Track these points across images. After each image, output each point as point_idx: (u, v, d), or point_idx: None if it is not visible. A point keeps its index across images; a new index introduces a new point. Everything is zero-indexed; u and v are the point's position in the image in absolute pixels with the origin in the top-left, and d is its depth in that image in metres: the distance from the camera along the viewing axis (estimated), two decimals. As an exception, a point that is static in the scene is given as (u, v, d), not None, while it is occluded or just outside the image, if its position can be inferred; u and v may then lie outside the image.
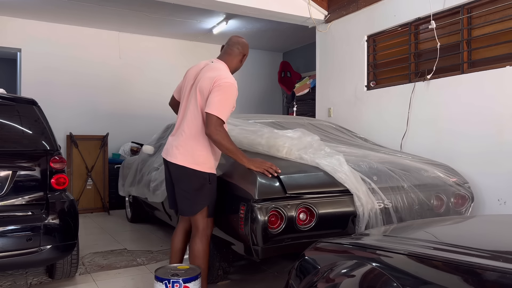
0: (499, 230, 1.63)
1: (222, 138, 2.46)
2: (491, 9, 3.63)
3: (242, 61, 2.77)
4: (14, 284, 3.22)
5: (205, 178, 2.58)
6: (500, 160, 3.44)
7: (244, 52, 2.75)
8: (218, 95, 2.48)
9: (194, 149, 2.57)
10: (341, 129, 4.33)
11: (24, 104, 3.23)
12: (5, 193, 2.85)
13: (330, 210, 2.60)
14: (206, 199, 2.61)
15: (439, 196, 3.00)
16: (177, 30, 7.03)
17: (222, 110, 2.46)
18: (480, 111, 3.61)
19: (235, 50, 2.73)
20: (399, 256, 1.28)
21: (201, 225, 2.61)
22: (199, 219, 2.61)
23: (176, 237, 2.82)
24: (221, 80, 2.51)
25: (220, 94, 2.48)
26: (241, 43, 2.76)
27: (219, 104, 2.46)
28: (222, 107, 2.47)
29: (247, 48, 2.78)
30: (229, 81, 2.52)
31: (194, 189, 2.58)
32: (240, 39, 2.79)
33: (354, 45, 5.01)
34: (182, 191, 2.63)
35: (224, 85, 2.49)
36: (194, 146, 2.57)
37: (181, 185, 2.62)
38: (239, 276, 3.45)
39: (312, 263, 1.57)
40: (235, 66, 2.75)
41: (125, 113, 7.11)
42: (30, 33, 6.45)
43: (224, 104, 2.48)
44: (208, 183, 2.59)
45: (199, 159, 2.56)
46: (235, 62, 2.73)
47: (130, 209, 5.72)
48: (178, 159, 2.58)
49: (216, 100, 2.47)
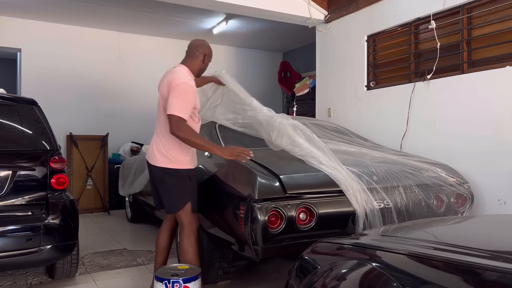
0: (499, 230, 1.63)
1: (186, 134, 2.56)
2: (491, 9, 3.63)
3: (205, 61, 2.84)
4: (14, 284, 3.22)
5: (184, 175, 2.71)
6: (500, 160, 3.44)
7: (204, 52, 2.83)
8: (173, 95, 2.60)
9: (167, 149, 2.70)
10: (341, 129, 4.33)
11: (24, 104, 3.23)
12: (5, 193, 2.85)
13: (330, 210, 2.60)
14: (188, 195, 2.72)
15: (439, 196, 3.00)
16: (177, 30, 7.03)
17: (180, 109, 2.57)
18: (480, 111, 3.60)
19: (195, 52, 2.83)
20: (399, 256, 1.28)
21: (186, 221, 2.71)
22: (182, 216, 2.71)
23: (161, 236, 2.92)
24: (175, 81, 2.64)
25: (175, 94, 2.59)
26: (200, 44, 2.86)
27: (176, 103, 2.58)
28: (180, 106, 2.58)
29: (207, 48, 2.86)
30: (183, 81, 2.64)
31: (176, 186, 2.70)
32: (199, 41, 2.90)
33: (354, 45, 5.01)
34: (165, 190, 2.76)
35: (178, 85, 2.61)
36: (167, 146, 2.70)
37: (164, 185, 2.75)
38: (239, 276, 3.45)
39: (312, 263, 1.57)
40: (198, 67, 2.85)
41: (125, 113, 7.11)
42: (30, 33, 6.45)
43: (181, 103, 2.59)
44: (188, 179, 2.71)
45: (174, 158, 2.69)
46: (197, 64, 2.83)
47: (130, 209, 5.72)
48: (157, 161, 2.72)
49: (173, 101, 2.58)
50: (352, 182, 2.66)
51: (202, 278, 2.61)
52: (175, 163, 2.69)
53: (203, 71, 2.92)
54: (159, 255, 2.89)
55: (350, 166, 2.84)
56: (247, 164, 2.72)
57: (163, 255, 2.89)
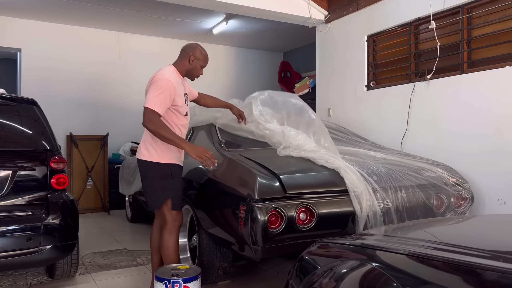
0: (499, 230, 1.63)
1: (155, 127, 2.60)
2: (491, 9, 3.63)
3: (191, 61, 2.84)
4: (14, 284, 3.22)
5: (167, 171, 2.74)
6: (500, 160, 3.44)
7: (190, 53, 2.84)
8: (151, 90, 2.67)
9: (154, 146, 2.75)
10: (341, 129, 4.33)
11: (24, 104, 3.23)
12: (5, 193, 2.85)
13: (330, 210, 2.60)
14: (169, 191, 2.75)
15: (439, 196, 3.00)
16: (177, 30, 7.03)
17: (154, 101, 2.62)
18: (480, 111, 3.61)
19: (183, 53, 2.88)
20: (399, 256, 1.28)
21: (168, 217, 2.75)
22: (165, 212, 2.75)
23: (153, 235, 2.95)
24: (155, 77, 2.72)
25: (153, 89, 2.66)
26: (188, 46, 2.91)
27: (152, 97, 2.64)
28: (155, 100, 2.62)
29: (195, 49, 2.86)
30: (162, 77, 2.69)
31: (157, 183, 2.75)
32: (190, 43, 2.95)
33: (354, 45, 5.01)
34: (146, 187, 2.83)
35: (157, 80, 2.68)
36: (154, 143, 2.75)
37: (146, 180, 2.81)
38: (239, 276, 3.45)
39: (312, 263, 1.57)
40: (186, 67, 2.86)
41: (125, 113, 7.10)
42: (30, 33, 6.45)
43: (156, 97, 2.63)
44: (170, 176, 2.75)
45: (162, 153, 2.74)
46: (184, 64, 2.86)
47: (130, 209, 5.72)
48: (141, 155, 2.80)
49: (149, 95, 2.66)
50: (358, 182, 2.66)
51: (202, 278, 2.62)
52: (158, 158, 2.73)
53: (193, 74, 2.91)
54: (154, 254, 2.93)
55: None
56: (247, 164, 2.72)
57: (158, 254, 2.90)
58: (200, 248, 3.06)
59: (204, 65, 2.93)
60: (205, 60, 2.92)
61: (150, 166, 2.75)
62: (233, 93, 7.17)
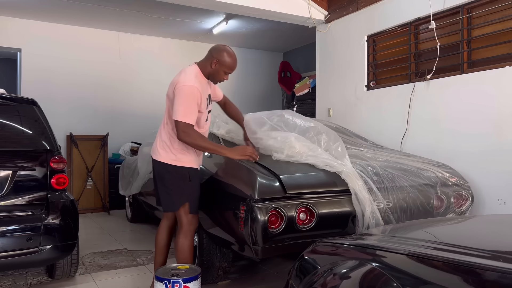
0: (499, 230, 1.63)
1: (193, 139, 2.58)
2: (491, 9, 3.63)
3: (213, 65, 2.69)
4: (14, 284, 3.22)
5: (185, 173, 2.70)
6: (500, 160, 3.44)
7: (214, 56, 2.69)
8: (178, 101, 2.58)
9: (172, 148, 2.71)
10: (341, 129, 4.33)
11: (24, 104, 3.23)
12: (5, 193, 2.85)
13: (330, 210, 2.60)
14: (187, 195, 2.71)
15: (439, 196, 3.00)
16: (177, 30, 7.03)
17: (185, 114, 2.57)
18: (480, 111, 3.61)
19: (208, 54, 2.75)
20: (399, 256, 1.28)
21: (184, 221, 2.72)
22: (182, 215, 2.72)
23: (159, 235, 2.93)
24: (178, 84, 2.61)
25: (179, 99, 2.58)
26: (215, 48, 2.74)
27: (180, 109, 2.57)
28: (184, 111, 2.57)
29: (220, 53, 2.68)
30: (185, 84, 2.59)
31: (175, 185, 2.71)
32: (218, 45, 2.77)
33: (354, 45, 5.01)
34: (163, 187, 2.76)
35: (180, 89, 2.59)
36: (171, 146, 2.71)
37: (163, 181, 2.75)
38: (239, 276, 3.45)
39: (312, 263, 1.57)
40: (208, 70, 2.73)
41: (125, 113, 7.10)
42: (30, 33, 6.45)
43: (185, 108, 2.57)
44: (188, 179, 2.70)
45: (179, 157, 2.70)
46: (206, 66, 2.73)
47: (130, 209, 5.72)
48: (159, 156, 2.74)
49: (178, 107, 2.58)
50: (358, 182, 2.66)
51: (202, 278, 2.61)
52: (176, 161, 2.69)
53: (215, 78, 2.76)
54: (159, 255, 2.90)
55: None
56: (247, 164, 2.72)
57: (163, 255, 2.89)
58: (200, 248, 3.07)
59: (229, 71, 2.74)
60: (230, 67, 2.71)
61: (168, 167, 2.70)
62: (233, 93, 7.17)
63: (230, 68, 2.72)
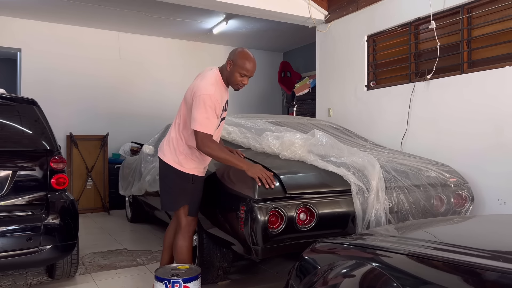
0: (499, 230, 1.63)
1: (212, 150, 2.56)
2: (491, 9, 3.63)
3: (230, 68, 2.62)
4: (14, 284, 3.22)
5: (188, 178, 2.70)
6: (500, 160, 3.44)
7: (230, 57, 2.63)
8: (197, 110, 2.53)
9: (176, 150, 2.70)
10: (341, 129, 4.33)
11: (24, 104, 3.23)
12: (5, 193, 2.85)
13: (330, 210, 2.60)
14: (187, 197, 2.72)
15: (439, 196, 3.00)
16: (177, 30, 7.03)
17: (205, 124, 2.53)
18: (480, 111, 3.60)
19: (228, 57, 2.67)
20: (399, 256, 1.28)
21: (183, 222, 2.73)
22: (181, 216, 2.73)
23: (167, 234, 2.97)
24: (198, 92, 2.55)
25: (199, 109, 2.52)
26: (233, 51, 2.68)
27: (200, 119, 2.52)
28: (204, 122, 2.52)
29: (234, 53, 2.63)
30: (204, 93, 2.53)
31: (176, 186, 2.71)
32: (237, 48, 2.70)
33: (354, 45, 5.01)
34: (165, 186, 2.78)
35: (199, 98, 2.52)
36: (177, 148, 2.70)
37: (165, 180, 2.77)
38: (239, 276, 3.45)
39: (312, 263, 1.57)
40: (225, 74, 2.67)
41: (125, 113, 7.11)
42: (30, 33, 6.45)
43: (204, 118, 2.52)
44: (190, 182, 2.70)
45: (181, 161, 2.69)
46: (224, 70, 2.68)
47: (130, 209, 5.72)
48: (165, 157, 2.73)
49: (197, 116, 2.53)
50: (358, 181, 2.66)
51: (202, 278, 2.61)
52: (182, 166, 2.69)
53: (233, 81, 2.65)
54: (165, 253, 2.96)
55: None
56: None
57: (170, 253, 2.93)
58: (200, 248, 3.07)
59: (244, 73, 2.60)
60: (243, 67, 2.58)
61: (171, 169, 2.70)
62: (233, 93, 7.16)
63: (244, 69, 2.60)
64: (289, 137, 2.96)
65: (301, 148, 2.89)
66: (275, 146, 2.97)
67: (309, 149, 2.88)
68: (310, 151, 2.87)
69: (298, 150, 2.87)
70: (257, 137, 3.20)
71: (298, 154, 2.86)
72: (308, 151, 2.88)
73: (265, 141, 3.05)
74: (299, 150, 2.87)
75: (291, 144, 2.91)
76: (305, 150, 2.88)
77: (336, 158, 2.84)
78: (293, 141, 2.92)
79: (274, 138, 3.03)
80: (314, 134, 2.99)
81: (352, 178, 2.66)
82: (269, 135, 3.08)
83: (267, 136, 3.08)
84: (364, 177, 2.69)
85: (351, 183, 2.64)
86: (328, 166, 2.73)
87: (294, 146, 2.89)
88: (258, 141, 3.14)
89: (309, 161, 2.80)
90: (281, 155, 2.91)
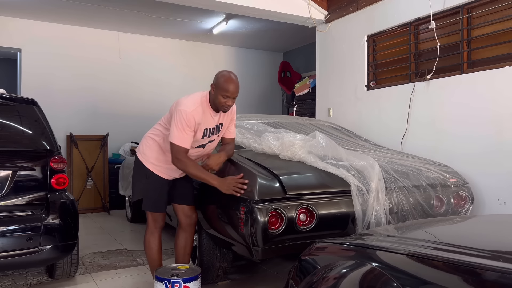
0: (499, 230, 1.63)
1: (184, 166, 2.64)
2: (491, 9, 3.63)
3: (214, 91, 2.62)
4: (14, 284, 3.22)
5: (145, 171, 2.81)
6: (500, 160, 3.44)
7: (214, 82, 2.63)
8: (174, 123, 2.61)
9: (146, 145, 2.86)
10: (341, 129, 4.33)
11: (24, 104, 3.23)
12: (5, 193, 2.85)
13: (330, 211, 2.60)
14: (141, 191, 2.85)
15: (439, 196, 3.00)
16: (177, 30, 7.03)
17: (180, 138, 2.59)
18: (480, 111, 3.60)
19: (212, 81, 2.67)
20: (399, 256, 1.28)
21: (149, 218, 2.88)
22: (147, 213, 2.89)
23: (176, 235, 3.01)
24: (177, 106, 2.64)
25: (175, 123, 2.60)
26: (216, 74, 2.67)
27: (175, 133, 2.60)
28: (179, 135, 2.59)
29: (218, 79, 2.61)
30: (183, 108, 2.58)
31: (135, 177, 2.90)
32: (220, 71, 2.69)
33: (354, 45, 5.01)
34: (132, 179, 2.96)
35: (177, 112, 2.60)
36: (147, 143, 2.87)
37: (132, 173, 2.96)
38: (239, 276, 3.45)
39: (312, 263, 1.57)
40: (212, 97, 2.66)
41: (125, 113, 7.11)
42: (30, 33, 6.45)
43: (179, 132, 2.59)
44: (145, 177, 2.81)
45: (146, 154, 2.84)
46: (211, 93, 2.68)
47: (130, 209, 5.72)
48: (137, 149, 2.95)
49: (173, 129, 2.61)
50: (358, 182, 2.66)
51: (202, 278, 2.62)
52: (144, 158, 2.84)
53: (217, 103, 2.63)
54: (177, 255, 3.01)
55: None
56: (247, 165, 2.72)
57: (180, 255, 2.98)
58: (200, 248, 3.07)
59: (227, 94, 2.57)
60: (224, 89, 2.56)
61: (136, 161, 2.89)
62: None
63: (225, 90, 2.56)
64: (289, 138, 2.96)
65: (301, 149, 2.89)
66: (275, 146, 2.97)
67: (309, 150, 2.89)
68: (310, 152, 2.88)
69: (298, 151, 2.88)
70: (257, 138, 3.20)
71: (298, 155, 2.86)
72: (308, 152, 2.88)
73: (265, 142, 3.06)
74: (299, 151, 2.88)
75: (291, 144, 2.91)
76: (305, 151, 2.88)
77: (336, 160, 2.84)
78: (293, 142, 2.92)
79: (274, 138, 3.03)
80: (315, 136, 3.00)
81: (352, 179, 2.66)
82: (269, 136, 3.08)
83: (267, 136, 3.08)
84: (363, 178, 2.69)
85: (351, 184, 2.64)
86: (328, 167, 2.73)
87: (294, 147, 2.90)
88: (258, 141, 3.14)
89: (309, 162, 2.80)
90: (281, 156, 2.91)
